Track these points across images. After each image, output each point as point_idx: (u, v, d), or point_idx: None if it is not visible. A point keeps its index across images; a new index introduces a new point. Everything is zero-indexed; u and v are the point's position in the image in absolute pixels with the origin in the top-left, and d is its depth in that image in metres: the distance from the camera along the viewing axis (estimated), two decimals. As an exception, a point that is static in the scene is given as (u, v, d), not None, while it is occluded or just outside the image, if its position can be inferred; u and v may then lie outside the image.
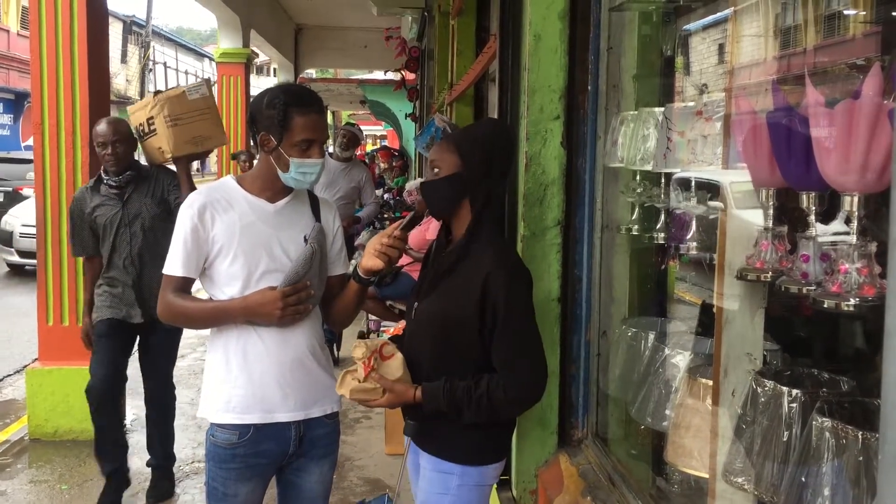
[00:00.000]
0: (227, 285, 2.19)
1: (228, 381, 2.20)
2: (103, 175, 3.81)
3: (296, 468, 2.31)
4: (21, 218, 10.59)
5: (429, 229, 5.54)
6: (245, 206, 2.21)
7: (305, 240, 2.23)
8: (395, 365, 2.10)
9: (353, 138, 6.73)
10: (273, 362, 2.20)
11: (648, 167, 2.50)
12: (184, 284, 2.21)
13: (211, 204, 2.19)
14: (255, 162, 2.63)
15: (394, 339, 2.29)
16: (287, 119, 2.13)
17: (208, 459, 2.26)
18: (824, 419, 1.44)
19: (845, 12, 2.04)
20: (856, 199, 1.40)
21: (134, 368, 3.88)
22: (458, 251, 2.10)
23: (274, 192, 2.25)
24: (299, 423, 2.25)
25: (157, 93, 3.98)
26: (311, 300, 2.21)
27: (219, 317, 2.20)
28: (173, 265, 2.19)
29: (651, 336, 2.55)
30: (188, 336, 6.67)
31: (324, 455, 2.33)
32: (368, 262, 2.16)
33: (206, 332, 2.28)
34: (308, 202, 2.33)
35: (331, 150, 7.18)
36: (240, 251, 2.17)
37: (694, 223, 2.32)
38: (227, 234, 2.17)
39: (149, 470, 4.08)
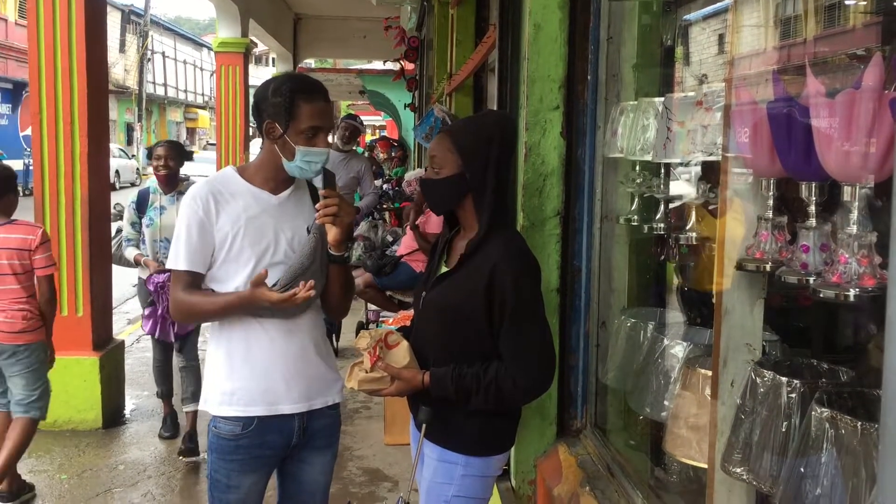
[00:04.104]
0: (232, 278, 2.17)
1: (232, 374, 2.19)
2: None
3: (298, 459, 2.31)
4: None
5: (428, 222, 5.52)
6: (249, 198, 2.19)
7: (309, 230, 2.22)
8: (401, 353, 2.11)
9: (354, 131, 6.84)
10: (277, 354, 2.19)
11: (648, 157, 2.50)
12: (193, 280, 2.16)
13: (214, 195, 2.16)
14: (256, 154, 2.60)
15: (401, 329, 2.29)
16: (293, 106, 2.11)
17: (211, 451, 2.24)
18: (823, 409, 1.44)
19: (846, 2, 2.03)
20: (856, 190, 1.39)
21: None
22: (471, 247, 2.09)
23: (276, 184, 2.23)
24: (303, 414, 2.24)
25: None
26: (316, 288, 2.20)
27: (228, 309, 2.15)
28: (180, 260, 2.15)
29: (650, 326, 2.55)
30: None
31: (326, 446, 2.33)
32: (329, 235, 2.14)
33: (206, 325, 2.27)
34: (309, 193, 2.33)
35: (329, 140, 7.18)
36: (245, 243, 2.15)
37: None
38: (232, 226, 2.15)
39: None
